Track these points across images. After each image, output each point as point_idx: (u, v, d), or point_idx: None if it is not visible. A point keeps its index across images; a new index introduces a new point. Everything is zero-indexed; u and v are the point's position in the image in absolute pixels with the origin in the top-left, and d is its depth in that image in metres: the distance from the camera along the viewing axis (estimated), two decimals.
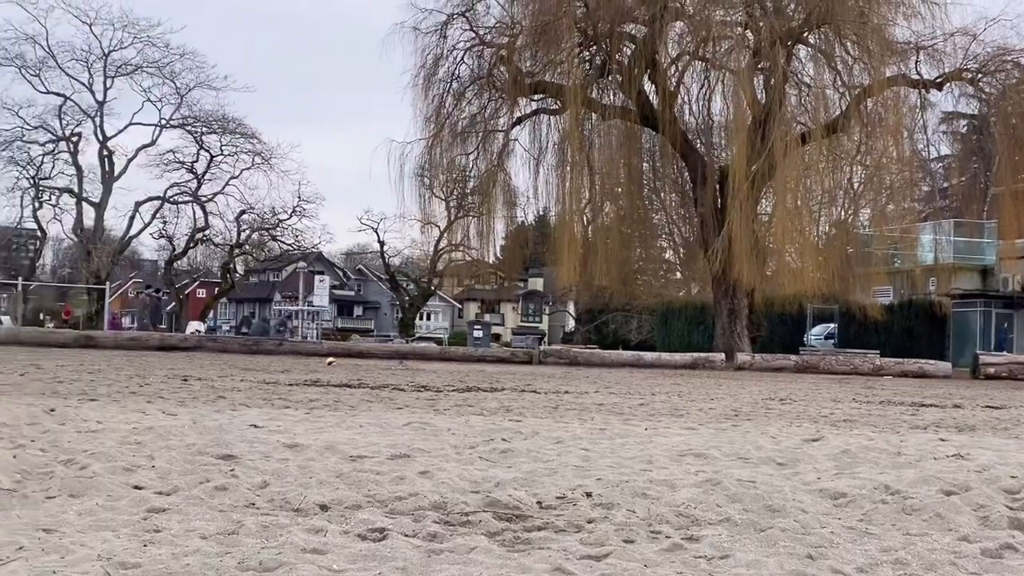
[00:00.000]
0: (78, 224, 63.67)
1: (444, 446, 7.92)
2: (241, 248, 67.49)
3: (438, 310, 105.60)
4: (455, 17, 41.93)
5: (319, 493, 5.72)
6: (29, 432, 7.14)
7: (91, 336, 36.27)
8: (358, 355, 35.62)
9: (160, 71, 62.59)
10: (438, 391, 17.22)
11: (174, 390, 14.89)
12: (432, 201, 45.65)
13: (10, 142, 61.01)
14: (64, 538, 4.51)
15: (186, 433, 7.72)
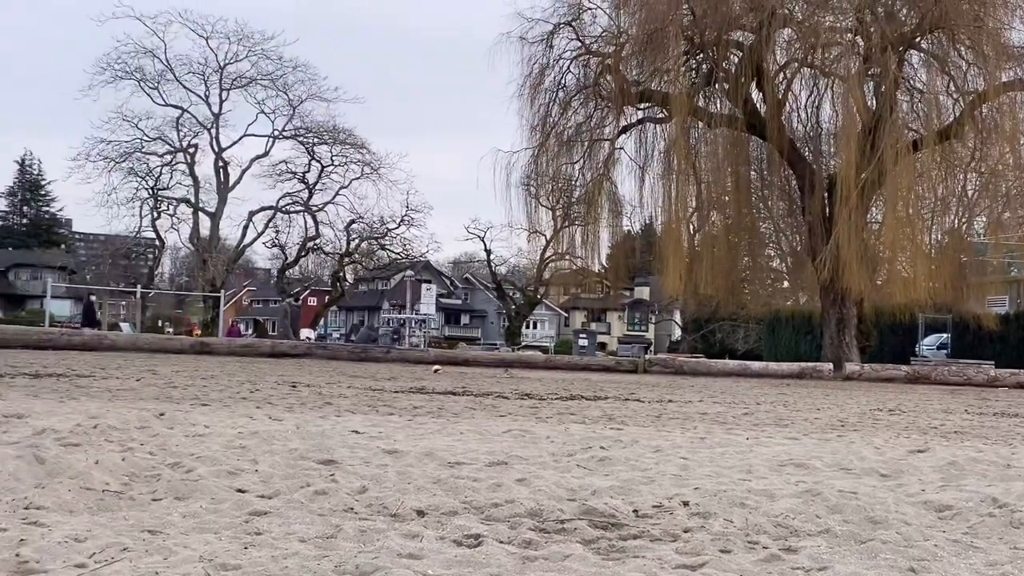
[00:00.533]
0: (194, 233, 64.85)
1: (542, 453, 7.94)
2: (351, 257, 68.19)
3: (544, 319, 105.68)
4: (561, 26, 42.00)
5: (416, 499, 5.78)
6: (138, 436, 7.30)
7: (206, 343, 36.94)
8: (464, 363, 35.79)
9: (273, 83, 63.65)
10: (541, 399, 17.24)
11: (283, 396, 15.12)
12: (538, 210, 45.72)
13: (130, 153, 62.39)
14: (168, 540, 4.61)
15: (289, 438, 7.84)
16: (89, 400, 12.47)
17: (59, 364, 22.45)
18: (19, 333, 35.96)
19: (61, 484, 5.61)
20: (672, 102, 40.13)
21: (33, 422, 7.71)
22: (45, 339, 34.11)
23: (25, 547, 4.29)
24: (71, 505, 5.31)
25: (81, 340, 34.97)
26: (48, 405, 10.73)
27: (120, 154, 61.92)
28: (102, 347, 33.60)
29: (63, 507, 5.26)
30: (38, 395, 13.09)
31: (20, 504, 5.24)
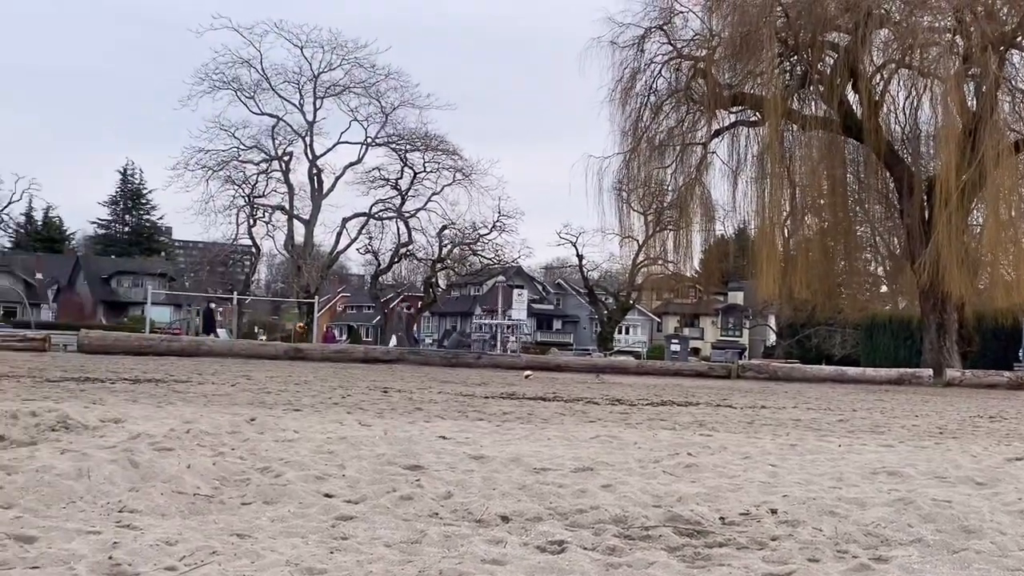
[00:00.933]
0: (289, 240, 65.58)
1: (628, 460, 7.92)
2: (443, 263, 68.48)
3: (637, 324, 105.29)
4: (653, 31, 41.82)
5: (501, 505, 5.79)
6: (229, 440, 7.41)
7: (300, 349, 37.34)
8: (555, 368, 35.76)
9: (366, 91, 64.20)
10: (632, 405, 17.19)
11: (374, 401, 15.25)
12: (630, 215, 45.56)
13: (227, 162, 63.33)
14: (256, 543, 4.68)
15: (377, 443, 7.90)
16: (185, 405, 12.69)
17: (158, 370, 22.85)
18: (120, 339, 36.67)
19: (154, 488, 5.72)
20: (766, 105, 39.76)
21: (129, 427, 7.86)
22: (145, 345, 34.75)
23: (118, 550, 4.38)
24: (163, 508, 5.42)
25: (180, 346, 35.55)
26: (145, 410, 10.94)
27: (217, 163, 62.97)
28: (199, 353, 34.13)
29: (155, 510, 5.36)
30: (136, 400, 13.35)
31: (114, 507, 5.35)
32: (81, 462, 5.98)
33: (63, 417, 7.78)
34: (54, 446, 6.77)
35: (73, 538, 4.56)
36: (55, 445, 6.82)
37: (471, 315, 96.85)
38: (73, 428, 7.61)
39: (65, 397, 13.25)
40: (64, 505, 5.34)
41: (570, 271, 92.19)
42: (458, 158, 64.62)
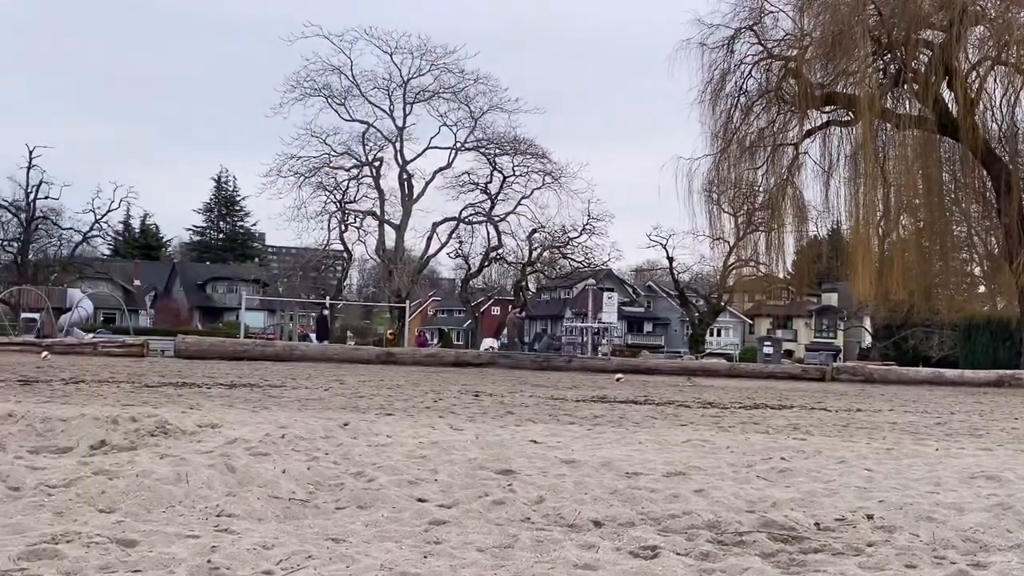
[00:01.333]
0: (380, 245, 66.03)
1: (721, 464, 7.87)
2: (533, 266, 68.50)
3: (728, 326, 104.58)
4: (742, 31, 41.54)
5: (593, 509, 5.80)
6: (324, 445, 7.49)
7: (392, 353, 37.63)
8: (646, 371, 35.66)
9: (455, 96, 64.43)
10: (724, 408, 17.08)
11: (465, 405, 15.32)
12: (721, 216, 45.33)
13: (318, 168, 63.93)
14: (350, 548, 4.73)
15: (469, 448, 7.93)
16: (279, 410, 12.86)
17: (253, 374, 23.18)
18: (216, 344, 37.25)
19: (250, 492, 5.81)
20: (859, 104, 39.27)
21: (226, 432, 7.98)
22: (240, 350, 35.24)
23: (216, 554, 4.45)
24: (259, 513, 5.50)
25: (274, 351, 36.01)
26: (241, 415, 11.10)
27: (309, 169, 63.60)
28: (293, 358, 34.55)
29: (252, 515, 5.44)
30: (232, 405, 13.55)
31: (212, 512, 5.44)
32: (180, 467, 6.09)
33: (162, 422, 7.92)
34: (153, 451, 6.89)
35: (173, 542, 4.64)
36: (154, 450, 6.95)
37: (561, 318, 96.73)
38: (171, 433, 7.75)
39: (163, 402, 13.50)
40: (164, 509, 5.44)
41: (660, 273, 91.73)
42: (547, 161, 64.66)
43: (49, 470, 6.22)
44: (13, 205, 74.83)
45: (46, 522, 4.99)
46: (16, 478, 5.96)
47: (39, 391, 15.29)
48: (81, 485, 5.76)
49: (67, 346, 34.48)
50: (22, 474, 6.06)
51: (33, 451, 7.13)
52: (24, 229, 73.64)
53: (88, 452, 7.16)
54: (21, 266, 72.06)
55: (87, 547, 4.50)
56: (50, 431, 7.69)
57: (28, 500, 5.50)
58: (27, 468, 6.26)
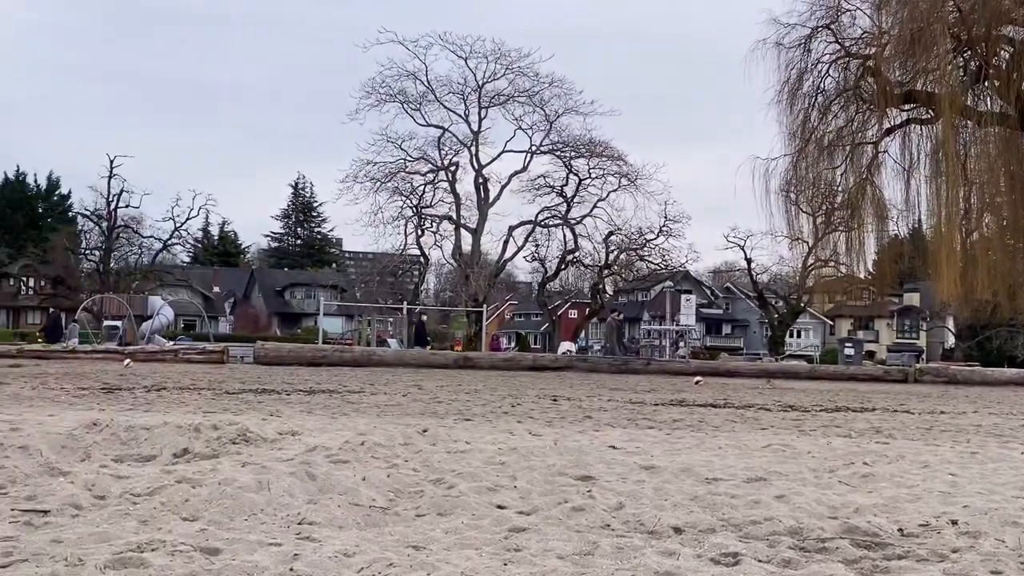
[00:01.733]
0: (457, 249, 66.18)
1: (802, 469, 7.79)
2: (610, 269, 68.28)
3: (808, 327, 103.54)
4: (819, 30, 41.12)
5: (673, 516, 5.77)
6: (403, 452, 7.52)
7: (469, 357, 37.69)
8: (725, 374, 35.46)
9: (530, 99, 64.38)
10: (805, 411, 16.92)
11: (543, 410, 15.32)
12: (799, 216, 44.82)
13: (394, 173, 64.19)
14: (431, 555, 4.74)
15: (547, 454, 7.93)
16: (358, 416, 12.94)
17: (331, 380, 23.35)
18: (294, 350, 37.59)
19: (331, 500, 5.85)
20: (939, 101, 38.66)
21: (306, 439, 8.05)
22: (318, 356, 35.55)
23: (298, 561, 4.49)
24: (340, 520, 5.53)
25: (352, 356, 36.25)
26: (320, 421, 11.19)
27: (385, 174, 63.88)
28: (371, 363, 34.76)
29: (333, 522, 5.48)
30: (311, 411, 13.66)
31: (294, 519, 5.49)
32: (261, 475, 6.14)
33: (243, 430, 8.01)
34: (235, 459, 6.97)
35: (255, 550, 4.68)
36: (236, 458, 7.02)
37: (639, 321, 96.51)
38: (252, 441, 7.83)
39: (244, 409, 13.65)
40: (246, 517, 5.50)
41: (739, 275, 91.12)
42: (623, 163, 64.41)
43: (133, 478, 6.31)
44: (95, 214, 76.06)
45: (131, 530, 5.07)
46: (102, 486, 6.05)
47: (122, 399, 15.52)
48: (165, 493, 5.84)
49: (148, 353, 34.98)
50: (107, 483, 6.15)
51: (118, 459, 7.24)
52: (106, 238, 74.75)
53: (171, 460, 7.26)
54: (103, 274, 73.16)
55: (172, 555, 4.56)
56: (134, 439, 7.81)
57: (114, 508, 5.59)
58: (112, 477, 6.36)
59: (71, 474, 6.41)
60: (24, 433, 8.07)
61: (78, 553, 4.54)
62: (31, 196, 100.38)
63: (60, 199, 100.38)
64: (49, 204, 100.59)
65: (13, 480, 6.24)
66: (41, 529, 5.12)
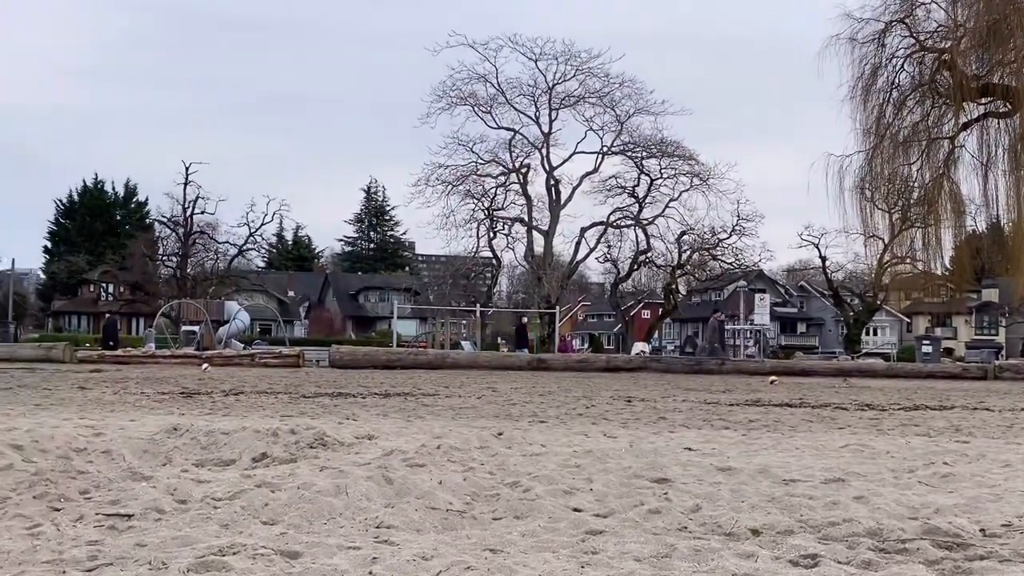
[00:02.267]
0: (529, 251, 66.22)
1: (881, 469, 7.72)
2: (682, 269, 68.02)
3: (885, 325, 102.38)
4: (893, 24, 40.74)
5: (751, 517, 5.74)
6: (479, 455, 7.55)
7: (543, 359, 37.71)
8: (800, 373, 35.17)
9: (601, 100, 64.24)
10: (882, 410, 16.74)
11: (618, 411, 15.29)
12: (874, 213, 44.53)
13: (466, 176, 64.43)
14: (508, 558, 4.75)
15: (623, 456, 7.92)
16: (433, 419, 13.01)
17: (406, 383, 23.48)
18: (369, 353, 37.86)
19: (408, 504, 5.89)
20: (1017, 94, 38.16)
21: (382, 443, 8.11)
22: (393, 359, 35.76)
23: (377, 565, 4.52)
24: (418, 524, 5.57)
25: (426, 359, 36.42)
26: (396, 425, 11.26)
27: (457, 177, 64.13)
28: (445, 365, 34.91)
29: (410, 526, 5.52)
30: (387, 414, 13.75)
31: (371, 523, 5.53)
32: (339, 479, 6.20)
33: (320, 434, 8.08)
34: (313, 463, 7.04)
35: (335, 554, 4.73)
36: (314, 462, 7.09)
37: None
38: (330, 445, 7.90)
39: (320, 413, 13.77)
40: (325, 521, 5.55)
41: (813, 273, 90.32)
42: (695, 163, 64.12)
43: (214, 483, 6.39)
44: (171, 220, 77.11)
45: (213, 534, 5.14)
46: (183, 491, 6.14)
47: (201, 403, 15.72)
48: (245, 497, 5.91)
49: (226, 358, 35.39)
50: (189, 487, 6.24)
51: (198, 464, 7.34)
52: (182, 243, 75.75)
53: (250, 464, 7.35)
54: (180, 280, 74.16)
55: (253, 559, 4.62)
56: (213, 444, 7.91)
57: (195, 512, 5.67)
58: (193, 481, 6.45)
59: (153, 479, 6.51)
60: (107, 438, 8.21)
61: (161, 557, 4.62)
62: (110, 204, 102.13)
63: (137, 206, 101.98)
64: (127, 211, 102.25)
65: (97, 485, 6.35)
66: (125, 533, 5.21)
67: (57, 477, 6.40)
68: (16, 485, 6.27)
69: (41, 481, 6.31)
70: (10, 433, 8.16)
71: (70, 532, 5.20)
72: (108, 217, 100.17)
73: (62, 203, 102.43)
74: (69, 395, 17.11)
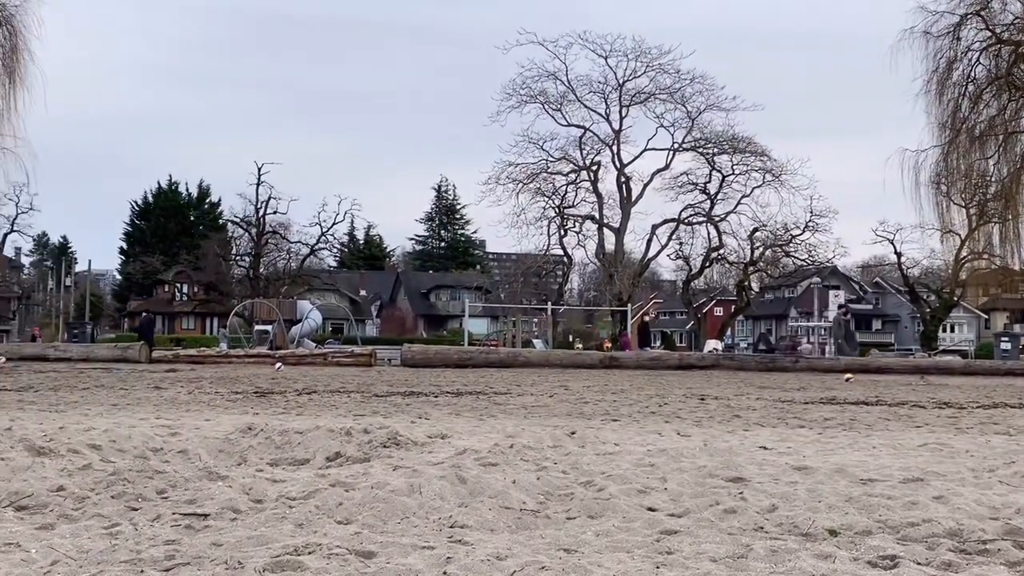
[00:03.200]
0: (600, 249, 66.11)
1: (960, 469, 7.59)
2: (755, 265, 67.49)
3: (962, 321, 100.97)
4: (969, 17, 40.16)
5: (828, 517, 5.67)
6: (552, 455, 7.54)
7: (615, 357, 37.56)
8: (876, 371, 34.75)
9: (672, 96, 63.94)
10: (960, 408, 16.48)
11: (691, 409, 15.20)
12: (950, 209, 43.95)
13: (536, 174, 64.44)
14: (583, 558, 4.73)
15: (697, 455, 7.87)
16: (505, 418, 13.01)
17: (478, 382, 23.52)
18: (441, 352, 37.95)
19: (482, 503, 5.88)
20: None
21: (455, 442, 8.12)
22: (464, 357, 35.82)
23: (451, 565, 4.52)
24: (491, 524, 5.56)
25: (498, 358, 36.45)
26: (468, 424, 11.28)
27: (527, 175, 64.14)
28: (516, 364, 34.91)
29: (484, 525, 5.51)
30: (459, 413, 13.77)
31: (445, 522, 5.53)
32: (412, 478, 6.21)
33: (393, 434, 8.11)
34: (386, 462, 7.06)
35: (409, 553, 4.74)
36: (387, 461, 7.12)
37: (786, 317, 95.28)
38: (403, 444, 7.92)
39: (392, 412, 13.83)
40: (399, 520, 5.56)
41: (888, 269, 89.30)
42: (767, 159, 63.62)
43: (288, 482, 6.43)
44: (244, 220, 77.86)
45: (288, 533, 5.17)
46: (259, 490, 6.19)
47: (274, 402, 15.85)
48: (319, 497, 5.94)
49: (298, 357, 35.68)
50: (264, 486, 6.28)
51: (273, 463, 7.40)
52: (255, 243, 76.47)
53: (324, 464, 7.39)
54: (253, 279, 74.88)
55: (328, 559, 4.63)
56: (287, 443, 7.97)
57: (271, 512, 5.70)
58: (268, 480, 6.49)
59: (229, 478, 6.57)
60: (183, 437, 8.30)
61: (237, 556, 4.65)
62: (183, 204, 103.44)
63: (211, 207, 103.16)
64: (200, 212, 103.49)
65: (174, 484, 6.41)
66: (201, 532, 5.25)
67: (134, 477, 6.48)
68: (94, 484, 6.35)
69: (119, 481, 6.39)
70: (88, 433, 8.28)
71: (148, 531, 5.25)
72: (182, 218, 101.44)
73: (137, 204, 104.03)
74: (145, 395, 17.33)
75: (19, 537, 5.06)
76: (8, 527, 5.35)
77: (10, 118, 39.32)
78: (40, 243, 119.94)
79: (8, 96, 39.30)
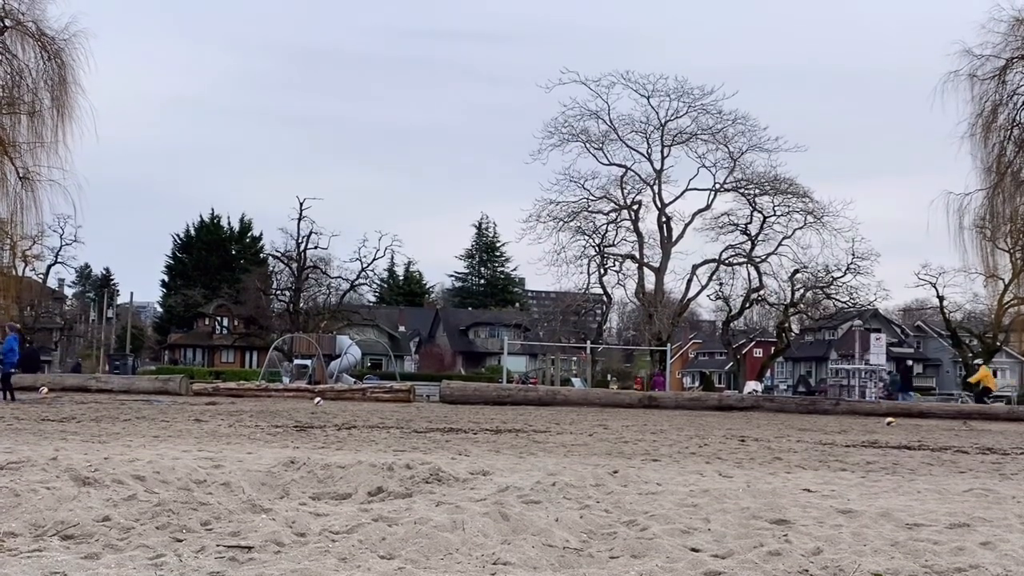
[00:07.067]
0: (640, 288, 65.97)
1: (1007, 515, 7.50)
2: (795, 307, 67.14)
3: (1005, 367, 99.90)
4: (1015, 61, 39.99)
5: (873, 561, 5.61)
6: (594, 493, 7.51)
7: (654, 397, 37.44)
8: (918, 415, 34.46)
9: (713, 137, 63.90)
10: (1005, 454, 16.30)
11: (731, 451, 15.11)
12: (995, 253, 43.62)
13: (577, 213, 64.47)
14: None
15: (740, 496, 7.82)
16: (546, 455, 12.98)
17: (516, 419, 23.48)
18: (480, 389, 37.94)
19: (525, 540, 5.86)
20: None
21: (497, 479, 8.10)
22: (503, 395, 35.80)
23: None
24: (534, 561, 5.54)
25: (536, 395, 36.39)
26: (509, 461, 11.25)
27: (568, 214, 64.18)
28: (555, 402, 34.84)
29: (527, 563, 5.49)
30: (499, 450, 13.75)
31: (488, 559, 5.52)
32: (455, 515, 6.21)
33: (435, 470, 8.10)
34: (428, 498, 7.06)
35: None
36: (429, 497, 7.11)
37: (826, 360, 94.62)
38: (444, 480, 7.92)
39: (432, 448, 13.82)
40: (442, 556, 5.55)
41: (931, 313, 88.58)
42: (809, 200, 63.35)
43: (331, 516, 6.44)
44: (285, 255, 78.22)
45: (331, 567, 5.17)
46: (301, 523, 6.20)
47: (314, 437, 15.88)
48: (362, 531, 5.94)
49: (337, 391, 35.76)
50: (307, 520, 6.29)
51: (315, 497, 7.41)
52: (295, 278, 76.77)
53: (366, 499, 7.39)
54: (293, 314, 75.11)
55: None
56: (329, 477, 7.98)
57: (314, 545, 5.71)
58: (311, 514, 6.50)
59: (272, 511, 6.59)
60: (226, 470, 8.33)
61: None
62: (225, 238, 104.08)
63: (252, 241, 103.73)
64: (242, 246, 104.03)
65: (218, 516, 6.44)
66: (246, 565, 5.26)
67: (179, 508, 6.50)
68: (139, 515, 6.38)
69: (164, 512, 6.42)
70: (132, 464, 8.33)
71: (192, 563, 5.26)
72: (223, 252, 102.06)
73: (179, 238, 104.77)
74: (186, 427, 17.41)
75: (65, 566, 5.09)
76: (54, 556, 5.38)
77: (57, 150, 39.65)
78: (83, 274, 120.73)
79: (56, 128, 39.67)
